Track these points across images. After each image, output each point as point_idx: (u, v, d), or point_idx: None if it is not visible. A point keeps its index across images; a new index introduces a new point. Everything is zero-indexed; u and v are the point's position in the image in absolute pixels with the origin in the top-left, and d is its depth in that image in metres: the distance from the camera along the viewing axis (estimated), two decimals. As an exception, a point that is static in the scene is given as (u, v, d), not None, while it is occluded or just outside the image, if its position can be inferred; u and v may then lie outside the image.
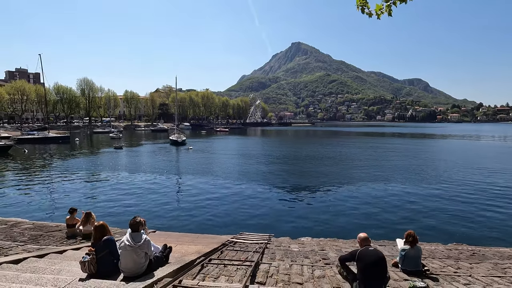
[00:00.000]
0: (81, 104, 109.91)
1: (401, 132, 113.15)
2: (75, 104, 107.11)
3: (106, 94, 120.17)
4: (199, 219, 13.39)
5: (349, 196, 17.04)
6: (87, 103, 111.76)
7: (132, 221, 4.38)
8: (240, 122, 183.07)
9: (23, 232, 8.64)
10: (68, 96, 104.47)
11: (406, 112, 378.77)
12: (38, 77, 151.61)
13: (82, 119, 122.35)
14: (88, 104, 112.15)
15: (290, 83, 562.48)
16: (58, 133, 56.91)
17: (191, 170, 25.68)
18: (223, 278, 4.73)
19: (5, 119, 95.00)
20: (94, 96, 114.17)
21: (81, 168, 26.93)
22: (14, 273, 4.22)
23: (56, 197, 17.15)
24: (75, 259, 5.50)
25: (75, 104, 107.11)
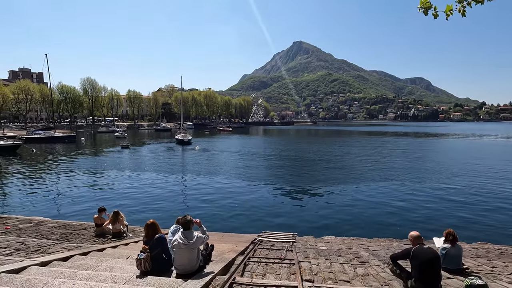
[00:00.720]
0: (84, 104, 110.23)
1: (404, 131, 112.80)
2: (78, 104, 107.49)
3: (109, 93, 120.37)
4: (214, 217, 13.46)
5: (360, 196, 17.06)
6: (90, 102, 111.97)
7: (184, 219, 4.44)
8: (243, 121, 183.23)
9: (52, 231, 8.74)
10: (72, 95, 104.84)
11: (408, 111, 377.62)
12: (41, 77, 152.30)
13: (85, 119, 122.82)
14: (92, 103, 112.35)
15: (292, 82, 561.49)
16: (64, 132, 57.15)
17: (200, 170, 25.76)
18: (271, 276, 4.79)
19: (9, 118, 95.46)
20: (98, 96, 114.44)
21: (91, 167, 27.08)
22: (70, 270, 4.29)
23: (69, 195, 17.25)
24: (119, 257, 5.59)
25: (78, 104, 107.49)
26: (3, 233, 8.12)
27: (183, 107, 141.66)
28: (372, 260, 6.36)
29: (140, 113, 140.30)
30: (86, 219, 12.76)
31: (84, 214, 13.96)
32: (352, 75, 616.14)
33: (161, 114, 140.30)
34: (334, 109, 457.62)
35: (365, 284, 4.59)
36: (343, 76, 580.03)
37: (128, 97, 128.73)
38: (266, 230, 10.27)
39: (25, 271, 4.24)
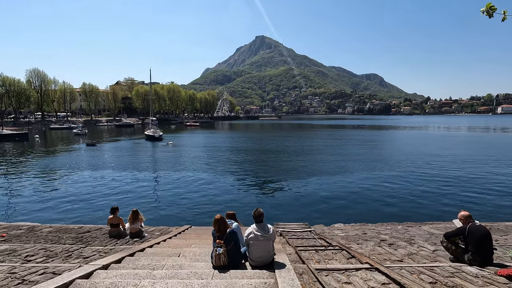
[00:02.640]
0: (31, 98, 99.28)
1: (360, 124, 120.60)
2: (24, 98, 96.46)
3: (60, 86, 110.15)
4: (201, 211, 13.31)
5: (339, 184, 18.07)
6: (39, 96, 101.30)
7: (257, 212, 4.45)
8: (208, 116, 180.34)
9: (59, 235, 8.02)
10: (16, 88, 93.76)
11: (365, 106, 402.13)
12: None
13: (33, 114, 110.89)
14: (40, 97, 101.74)
15: (255, 77, 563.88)
16: (14, 129, 51.11)
17: (179, 166, 25.05)
18: (333, 261, 5.03)
19: None
20: (47, 89, 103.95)
21: (56, 167, 24.78)
22: (143, 271, 4.09)
23: (37, 198, 15.67)
24: (169, 255, 5.40)
25: (24, 98, 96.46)
26: (4, 241, 7.27)
27: (146, 101, 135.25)
28: (398, 242, 6.93)
29: (97, 108, 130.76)
30: (68, 221, 11.86)
31: (61, 216, 12.88)
32: (313, 71, 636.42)
33: (121, 109, 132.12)
34: (296, 103, 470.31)
35: (417, 262, 5.05)
36: (304, 71, 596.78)
37: (83, 90, 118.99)
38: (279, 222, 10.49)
39: (93, 275, 3.95)
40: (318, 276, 3.82)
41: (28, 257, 5.30)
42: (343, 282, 3.79)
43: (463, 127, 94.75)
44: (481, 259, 4.39)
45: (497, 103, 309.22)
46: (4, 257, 5.23)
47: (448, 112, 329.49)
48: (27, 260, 5.06)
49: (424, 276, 3.97)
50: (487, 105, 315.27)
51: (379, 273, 4.04)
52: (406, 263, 4.91)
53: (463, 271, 4.18)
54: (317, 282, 3.72)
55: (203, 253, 5.48)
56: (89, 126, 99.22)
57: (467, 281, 3.79)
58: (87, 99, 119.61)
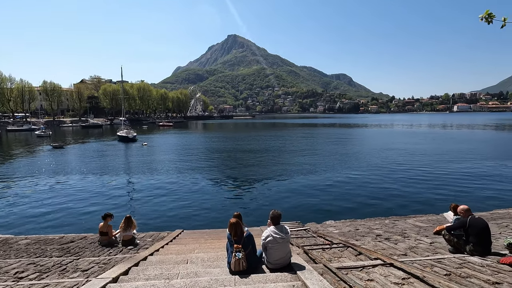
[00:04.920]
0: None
1: (332, 123, 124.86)
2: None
3: (17, 85, 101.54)
4: (187, 214, 13.04)
5: (319, 182, 18.58)
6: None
7: (276, 214, 4.40)
8: (181, 115, 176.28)
9: (41, 247, 7.38)
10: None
11: (335, 105, 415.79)
12: None
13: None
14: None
15: (228, 76, 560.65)
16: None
17: (156, 168, 24.24)
18: (344, 259, 5.12)
19: None
20: (2, 87, 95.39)
21: (22, 173, 22.83)
22: (162, 282, 3.87)
23: (6, 207, 14.36)
24: (177, 263, 5.18)
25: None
26: (-22, 258, 6.54)
27: (114, 100, 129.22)
28: (394, 236, 7.24)
29: (60, 108, 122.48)
30: (44, 231, 10.97)
31: (33, 226, 11.92)
32: (285, 70, 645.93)
33: (87, 108, 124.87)
34: (270, 102, 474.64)
35: (420, 255, 5.30)
36: (277, 70, 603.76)
37: (43, 89, 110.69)
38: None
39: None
40: (341, 275, 3.86)
41: (18, 273, 4.80)
42: (366, 279, 3.86)
43: (424, 124, 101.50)
44: (482, 249, 4.71)
45: (453, 102, 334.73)
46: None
47: (411, 110, 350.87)
48: (19, 278, 4.59)
49: (437, 269, 4.17)
50: (445, 104, 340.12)
51: (395, 268, 4.18)
52: (411, 257, 5.13)
53: (469, 261, 4.46)
54: (341, 281, 3.76)
55: (212, 258, 5.32)
56: (52, 127, 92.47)
57: (476, 270, 4.04)
58: (48, 98, 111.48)
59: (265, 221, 10.96)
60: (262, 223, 10.38)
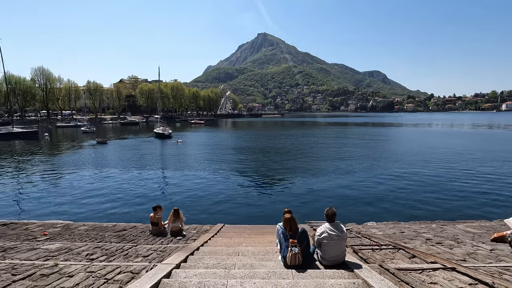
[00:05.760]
0: (37, 96, 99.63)
1: (364, 122, 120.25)
2: (30, 96, 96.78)
3: (65, 84, 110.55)
4: (222, 208, 13.34)
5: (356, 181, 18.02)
6: (44, 94, 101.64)
7: (331, 211, 4.42)
8: (212, 114, 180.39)
9: (99, 234, 8.05)
10: (22, 87, 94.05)
11: (367, 103, 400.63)
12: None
13: (38, 112, 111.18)
14: (46, 96, 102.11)
15: (257, 74, 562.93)
16: (23, 128, 51.35)
17: (196, 164, 25.10)
18: (397, 261, 5.00)
19: None
20: (52, 87, 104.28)
21: (73, 165, 24.89)
22: (222, 271, 4.08)
23: (63, 195, 15.74)
24: (229, 254, 5.40)
25: (30, 96, 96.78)
26: (48, 239, 7.31)
27: (149, 99, 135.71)
28: (446, 241, 6.89)
29: (102, 106, 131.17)
30: (97, 219, 11.86)
31: (89, 214, 12.91)
32: (315, 68, 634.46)
33: (125, 107, 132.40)
34: (299, 101, 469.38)
35: (482, 261, 5.01)
36: (306, 68, 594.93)
37: (87, 88, 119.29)
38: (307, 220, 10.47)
39: (173, 275, 3.94)
40: (401, 277, 3.80)
41: (89, 255, 5.31)
42: (428, 282, 3.76)
43: (468, 124, 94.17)
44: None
45: (501, 100, 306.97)
46: (67, 256, 5.24)
47: (452, 109, 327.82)
48: (91, 259, 5.07)
49: (507, 277, 3.94)
50: (492, 102, 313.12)
51: (458, 273, 4.01)
52: (471, 263, 4.88)
53: (542, 271, 4.15)
54: (402, 282, 3.69)
55: (261, 252, 5.47)
56: (94, 124, 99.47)
57: (553, 281, 3.75)
58: (91, 97, 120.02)
59: (301, 218, 10.99)
60: (299, 221, 10.41)
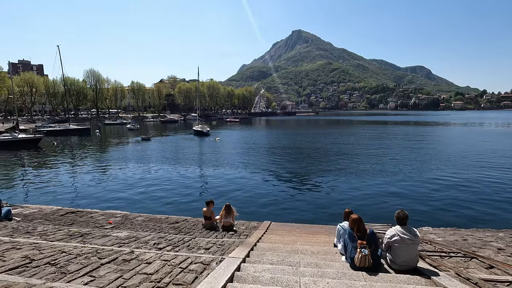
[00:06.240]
0: (88, 96, 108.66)
1: (404, 120, 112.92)
2: (82, 96, 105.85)
3: (113, 85, 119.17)
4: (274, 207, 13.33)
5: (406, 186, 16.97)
6: (94, 94, 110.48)
7: (403, 214, 4.22)
8: (246, 112, 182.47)
9: (157, 225, 8.56)
10: (76, 87, 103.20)
11: (409, 100, 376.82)
12: (41, 69, 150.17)
13: (89, 111, 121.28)
14: (95, 95, 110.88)
15: (291, 72, 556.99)
16: (77, 125, 56.58)
17: (235, 161, 25.58)
18: (476, 271, 4.63)
19: (14, 112, 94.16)
20: (101, 88, 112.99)
21: (123, 159, 26.82)
22: (291, 268, 4.10)
23: (107, 188, 16.95)
24: (288, 252, 5.40)
25: (82, 96, 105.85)
26: (114, 227, 7.94)
27: (187, 98, 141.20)
28: (524, 251, 6.23)
29: (144, 104, 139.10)
30: (150, 210, 12.57)
31: (138, 205, 13.73)
32: (352, 64, 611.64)
33: (165, 105, 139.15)
34: (334, 98, 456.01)
35: None
36: (343, 65, 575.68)
37: (131, 88, 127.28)
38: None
39: (242, 268, 4.04)
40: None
41: (156, 245, 5.66)
42: (521, 296, 3.42)
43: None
44: None
45: None
46: (137, 244, 5.64)
47: (508, 106, 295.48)
48: (159, 248, 5.40)
49: None
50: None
51: (556, 289, 3.59)
52: None
53: None
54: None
55: (321, 252, 5.40)
56: (137, 122, 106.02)
57: None
58: (135, 96, 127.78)
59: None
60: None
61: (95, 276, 3.65)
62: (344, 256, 4.77)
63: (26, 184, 18.49)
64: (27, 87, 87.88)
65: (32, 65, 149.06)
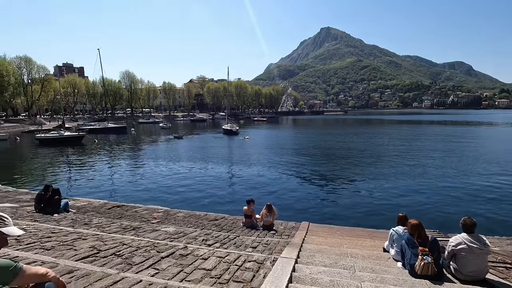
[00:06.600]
0: (124, 96, 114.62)
1: (441, 120, 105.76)
2: (119, 96, 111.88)
3: (146, 86, 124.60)
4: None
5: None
6: (129, 94, 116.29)
7: (470, 221, 3.96)
8: (273, 111, 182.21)
9: (199, 221, 8.81)
10: (113, 88, 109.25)
11: (447, 98, 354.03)
12: (82, 71, 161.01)
13: (124, 110, 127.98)
14: (130, 96, 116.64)
15: (319, 70, 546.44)
16: (115, 124, 60.12)
17: (266, 160, 25.63)
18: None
19: (59, 111, 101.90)
20: (136, 88, 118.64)
21: (159, 155, 28.12)
22: (347, 272, 4.02)
23: (147, 183, 17.69)
24: (338, 254, 5.31)
25: (119, 96, 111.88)
26: (159, 222, 8.30)
27: (215, 97, 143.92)
28: None
29: (174, 104, 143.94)
30: (188, 207, 12.93)
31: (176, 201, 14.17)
32: (383, 61, 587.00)
33: (194, 104, 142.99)
34: (364, 97, 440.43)
35: None
36: (374, 62, 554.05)
37: (163, 88, 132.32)
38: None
39: (296, 269, 4.03)
40: None
41: (205, 241, 5.82)
42: None
43: None
44: None
45: None
46: (187, 239, 5.84)
47: None
48: (208, 245, 5.55)
49: None
50: None
51: None
52: None
53: None
54: None
55: (372, 256, 5.24)
56: (169, 120, 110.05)
57: None
58: (166, 96, 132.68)
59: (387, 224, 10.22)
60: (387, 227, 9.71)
61: (158, 268, 3.83)
62: (400, 263, 4.58)
63: (73, 178, 19.93)
64: (70, 88, 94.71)
65: (74, 68, 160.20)
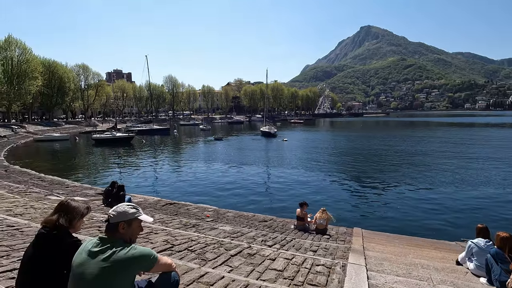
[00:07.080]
0: (166, 99, 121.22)
1: (500, 122, 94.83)
2: (162, 99, 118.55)
3: (186, 89, 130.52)
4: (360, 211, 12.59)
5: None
6: (171, 98, 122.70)
7: None
8: (309, 113, 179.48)
9: (250, 222, 8.95)
10: (157, 92, 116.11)
11: (506, 99, 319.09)
12: (130, 77, 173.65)
13: (167, 113, 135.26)
14: (172, 99, 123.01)
15: (358, 71, 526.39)
16: (159, 125, 63.93)
17: (308, 163, 25.26)
18: None
19: (110, 114, 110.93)
20: (177, 92, 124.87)
21: (202, 156, 29.27)
22: (424, 283, 3.80)
23: (192, 182, 18.34)
24: (406, 264, 5.03)
25: (162, 99, 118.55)
26: (213, 221, 8.59)
27: (252, 100, 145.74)
28: None
29: (212, 106, 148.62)
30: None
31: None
32: (430, 59, 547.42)
33: (232, 107, 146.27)
34: (408, 98, 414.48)
35: None
36: (419, 61, 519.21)
37: (202, 92, 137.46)
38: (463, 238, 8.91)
39: (370, 277, 3.90)
40: None
41: (264, 242, 5.89)
42: None
43: None
44: None
45: None
46: (247, 239, 5.96)
47: None
48: (268, 245, 5.60)
49: None
50: None
51: None
52: None
53: None
54: None
55: (445, 269, 4.86)
56: (208, 122, 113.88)
57: None
58: (205, 99, 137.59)
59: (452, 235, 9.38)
60: (454, 238, 8.96)
61: (231, 266, 3.95)
62: (483, 278, 4.19)
63: (126, 175, 21.48)
64: (120, 93, 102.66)
65: (123, 74, 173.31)
